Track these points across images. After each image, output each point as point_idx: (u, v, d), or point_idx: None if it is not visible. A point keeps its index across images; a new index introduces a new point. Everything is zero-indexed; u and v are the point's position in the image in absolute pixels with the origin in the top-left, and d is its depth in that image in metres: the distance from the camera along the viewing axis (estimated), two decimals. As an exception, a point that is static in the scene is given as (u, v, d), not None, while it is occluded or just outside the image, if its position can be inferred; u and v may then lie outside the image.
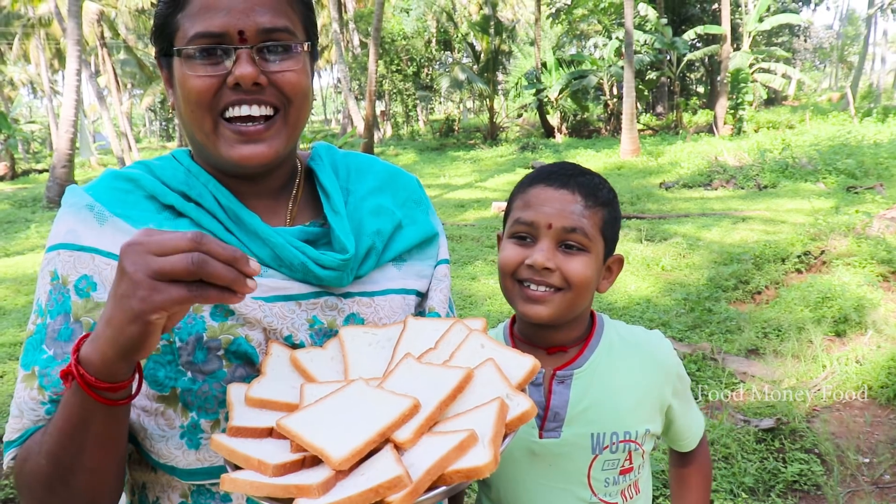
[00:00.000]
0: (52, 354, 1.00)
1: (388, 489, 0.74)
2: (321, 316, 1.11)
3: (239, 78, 1.00)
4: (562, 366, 1.35)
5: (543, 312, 1.27)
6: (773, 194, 12.78)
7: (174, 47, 1.04)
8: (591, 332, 1.40)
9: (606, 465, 1.32)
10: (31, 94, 60.06)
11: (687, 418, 1.46)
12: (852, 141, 16.84)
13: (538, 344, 1.38)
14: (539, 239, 1.27)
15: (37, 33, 33.02)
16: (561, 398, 1.32)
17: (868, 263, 6.45)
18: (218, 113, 1.04)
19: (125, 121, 33.20)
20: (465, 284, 7.82)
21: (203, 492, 1.06)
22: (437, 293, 1.24)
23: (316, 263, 1.07)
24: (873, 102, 31.23)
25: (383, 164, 1.33)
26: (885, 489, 3.46)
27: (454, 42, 34.27)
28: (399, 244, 1.22)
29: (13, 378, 5.50)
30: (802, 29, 36.49)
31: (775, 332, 5.64)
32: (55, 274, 1.04)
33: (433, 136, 34.02)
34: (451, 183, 19.29)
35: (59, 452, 0.90)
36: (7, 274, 9.86)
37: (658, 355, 1.40)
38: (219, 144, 1.05)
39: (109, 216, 1.05)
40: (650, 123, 29.84)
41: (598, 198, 1.30)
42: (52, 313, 1.02)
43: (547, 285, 1.26)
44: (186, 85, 1.03)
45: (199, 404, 1.01)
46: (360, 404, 0.88)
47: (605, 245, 1.32)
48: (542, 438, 1.32)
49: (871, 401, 4.38)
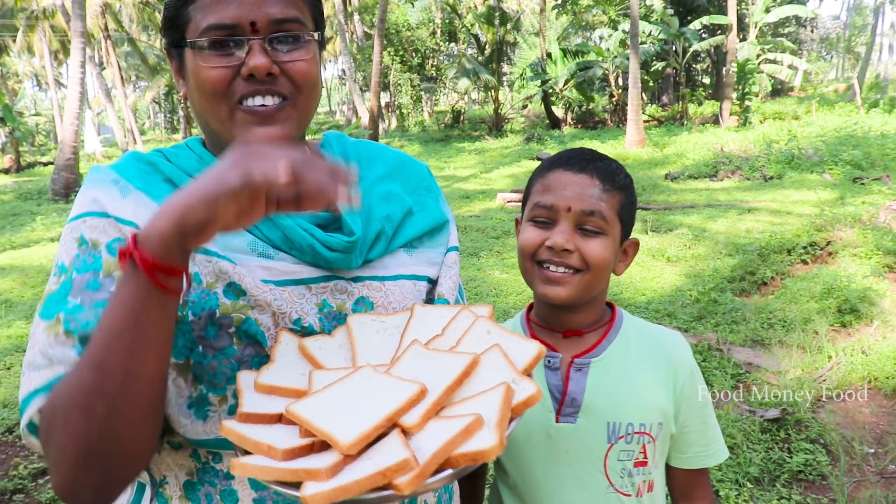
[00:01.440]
0: (79, 303, 0.99)
1: (395, 472, 0.74)
2: (331, 300, 1.11)
3: (253, 69, 1.02)
4: (580, 353, 1.38)
5: (562, 293, 1.30)
6: (778, 185, 12.74)
7: (186, 39, 1.06)
8: (610, 322, 1.43)
9: (622, 456, 1.34)
10: (36, 87, 60.17)
11: (698, 426, 1.42)
12: (859, 132, 16.76)
13: (555, 328, 1.41)
14: (558, 222, 1.30)
15: (41, 25, 33.05)
16: (578, 385, 1.35)
17: (874, 254, 6.43)
18: (235, 101, 1.06)
19: (130, 113, 33.25)
20: (472, 274, 7.83)
21: (208, 469, 1.07)
22: (447, 280, 1.25)
23: (323, 245, 1.08)
24: (880, 93, 31.03)
25: (394, 151, 1.35)
26: (890, 479, 3.46)
27: (459, 33, 34.17)
28: (410, 230, 1.23)
29: (21, 370, 5.52)
30: (809, 19, 36.18)
31: (781, 322, 5.64)
32: (83, 239, 1.04)
33: (438, 127, 33.99)
34: (456, 174, 19.27)
35: (104, 356, 0.86)
36: (13, 266, 9.89)
37: (673, 353, 1.41)
38: (234, 129, 1.07)
39: (133, 190, 1.07)
40: (656, 114, 29.75)
41: (616, 182, 1.33)
42: (80, 270, 1.02)
43: (566, 266, 1.30)
44: (201, 76, 1.05)
45: (209, 378, 1.02)
46: (367, 390, 0.88)
47: (622, 228, 1.35)
48: (558, 423, 1.35)
49: (877, 391, 4.37)
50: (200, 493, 1.07)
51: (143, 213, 1.04)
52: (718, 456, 1.45)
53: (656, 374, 1.38)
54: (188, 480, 1.08)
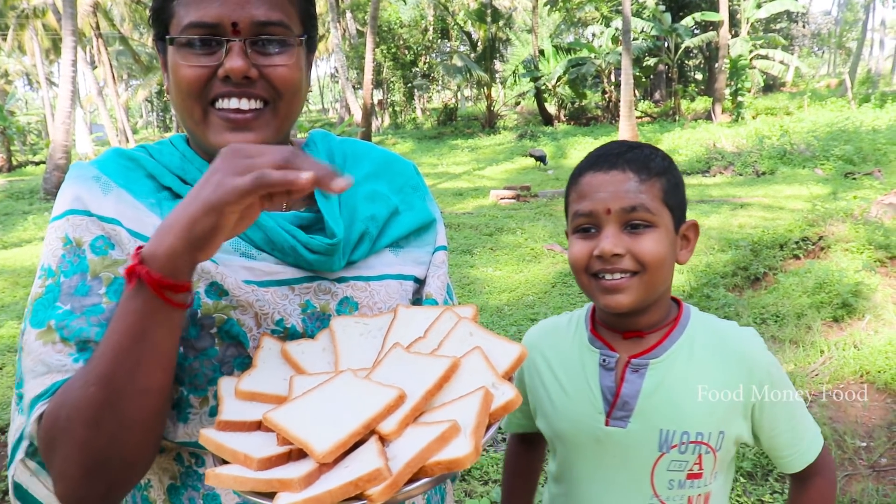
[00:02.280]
0: (68, 309, 0.98)
1: (367, 482, 0.73)
2: (314, 300, 1.10)
3: (229, 71, 1.00)
4: (638, 354, 1.29)
5: (624, 300, 1.21)
6: (771, 181, 12.78)
7: (168, 35, 1.04)
8: (675, 321, 1.32)
9: (672, 466, 1.25)
10: (28, 86, 59.85)
11: (787, 425, 1.31)
12: (850, 127, 16.82)
13: (618, 329, 1.33)
14: (602, 227, 1.22)
15: (31, 24, 32.84)
16: (633, 387, 1.27)
17: (866, 249, 6.45)
18: (208, 102, 1.04)
19: (122, 112, 33.11)
20: (464, 272, 7.82)
21: (191, 473, 1.06)
22: (435, 280, 1.23)
23: (305, 247, 1.07)
24: (871, 88, 31.14)
25: (380, 150, 1.33)
26: (881, 472, 3.48)
27: (451, 30, 34.13)
28: (395, 230, 1.22)
29: (13, 371, 5.50)
30: (801, 15, 36.33)
31: (773, 317, 5.65)
32: (67, 238, 1.02)
33: (431, 124, 33.95)
34: (449, 171, 19.26)
35: (113, 371, 0.85)
36: (5, 266, 9.84)
37: (745, 350, 1.30)
38: (208, 132, 1.05)
39: (114, 186, 1.05)
40: (648, 110, 29.78)
41: (652, 169, 1.24)
42: (67, 273, 1.00)
43: (621, 272, 1.21)
44: (178, 74, 1.03)
45: (189, 380, 1.01)
46: (346, 396, 0.88)
47: (672, 214, 1.25)
48: (608, 426, 1.28)
49: (869, 385, 4.38)
50: (184, 496, 1.07)
51: (124, 210, 1.04)
52: (814, 448, 1.35)
53: (722, 375, 1.27)
54: (172, 484, 1.08)
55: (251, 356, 1.03)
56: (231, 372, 1.03)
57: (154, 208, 1.06)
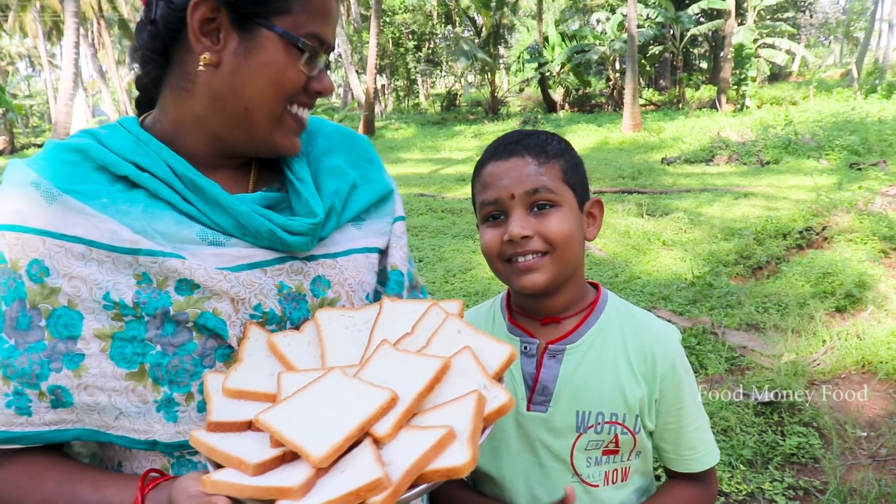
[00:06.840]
0: (13, 344, 0.96)
1: (368, 492, 0.74)
2: (287, 281, 1.09)
3: (324, 89, 1.09)
4: (555, 339, 1.32)
5: (539, 279, 1.25)
6: (775, 170, 12.71)
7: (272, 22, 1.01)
8: (591, 306, 1.36)
9: (590, 445, 1.29)
10: (30, 68, 59.68)
11: (680, 427, 1.34)
12: (856, 117, 16.72)
13: (534, 314, 1.35)
14: (509, 212, 1.26)
15: (33, 5, 32.71)
16: (550, 373, 1.30)
17: (870, 239, 6.43)
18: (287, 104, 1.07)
19: (124, 95, 33.01)
20: (467, 257, 7.81)
21: (184, 463, 1.05)
22: (398, 250, 1.25)
23: (283, 230, 1.05)
24: (878, 78, 30.93)
25: (332, 125, 1.33)
26: (882, 462, 3.47)
27: (455, 16, 33.93)
28: (356, 204, 1.21)
29: None
30: (808, 4, 36.04)
31: (776, 307, 5.64)
32: (2, 257, 0.97)
33: (435, 110, 33.83)
34: (451, 157, 19.22)
35: None
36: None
37: (654, 348, 1.31)
38: (276, 131, 1.08)
39: (58, 194, 0.98)
40: (653, 98, 29.65)
41: (549, 152, 1.28)
42: (7, 300, 0.96)
43: (532, 252, 1.24)
44: (284, 73, 1.03)
45: (171, 378, 0.99)
46: (338, 396, 0.87)
47: (575, 193, 1.30)
48: (529, 411, 1.31)
49: (871, 375, 4.38)
50: None
51: (73, 219, 0.97)
52: (701, 462, 1.35)
53: (632, 366, 1.30)
54: None
55: (231, 346, 1.02)
56: (213, 365, 1.02)
57: (107, 209, 1.00)
